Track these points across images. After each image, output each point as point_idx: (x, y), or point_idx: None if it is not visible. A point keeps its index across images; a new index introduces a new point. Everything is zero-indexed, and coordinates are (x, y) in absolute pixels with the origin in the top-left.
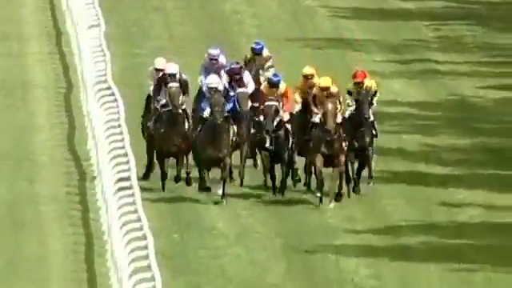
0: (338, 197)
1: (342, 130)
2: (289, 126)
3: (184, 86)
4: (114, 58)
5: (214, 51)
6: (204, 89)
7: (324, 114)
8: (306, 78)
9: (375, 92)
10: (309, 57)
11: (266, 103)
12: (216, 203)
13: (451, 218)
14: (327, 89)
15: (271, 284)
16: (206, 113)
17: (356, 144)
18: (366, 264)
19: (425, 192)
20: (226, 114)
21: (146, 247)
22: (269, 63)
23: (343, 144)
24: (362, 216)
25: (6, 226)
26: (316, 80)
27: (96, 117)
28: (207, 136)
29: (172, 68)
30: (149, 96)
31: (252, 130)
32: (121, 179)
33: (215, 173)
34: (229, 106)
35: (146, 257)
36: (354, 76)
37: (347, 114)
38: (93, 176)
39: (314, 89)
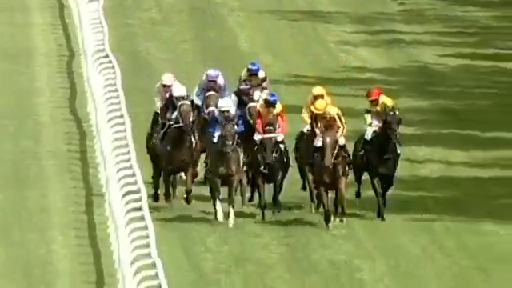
0: (342, 215)
1: (344, 152)
2: (282, 146)
3: (193, 105)
4: (111, 28)
5: (213, 72)
6: (216, 113)
7: (322, 148)
8: (316, 98)
9: (394, 108)
10: (285, 27)
11: (266, 135)
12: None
13: (413, 173)
14: (324, 109)
15: None
16: (215, 139)
17: (381, 169)
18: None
19: None
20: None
21: (139, 199)
22: (264, 84)
23: (346, 168)
24: None
25: (11, 180)
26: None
27: (95, 82)
28: (217, 160)
29: (179, 91)
30: (155, 113)
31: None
32: (118, 138)
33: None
34: (239, 129)
35: (140, 208)
36: (368, 94)
37: (370, 136)
38: (92, 135)
39: (312, 107)
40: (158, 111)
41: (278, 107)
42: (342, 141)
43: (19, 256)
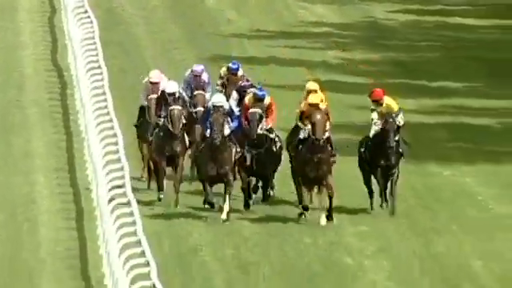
0: (329, 217)
1: (330, 147)
2: (273, 136)
3: (183, 104)
4: None
5: (198, 68)
6: (209, 107)
7: (312, 125)
8: (310, 93)
9: (399, 112)
10: None
11: (251, 110)
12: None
13: (366, 119)
14: (316, 105)
15: None
16: (208, 132)
17: (382, 163)
18: None
19: (344, 98)
20: (228, 133)
21: (116, 143)
22: (241, 83)
23: (330, 165)
24: None
25: None
26: (310, 98)
27: (75, 36)
28: (208, 154)
29: (171, 87)
30: (141, 107)
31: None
32: (95, 87)
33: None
34: (233, 125)
35: (117, 151)
36: (371, 95)
37: (372, 134)
38: (72, 85)
39: (302, 104)
40: (144, 106)
41: (267, 100)
42: (327, 133)
43: (5, 196)
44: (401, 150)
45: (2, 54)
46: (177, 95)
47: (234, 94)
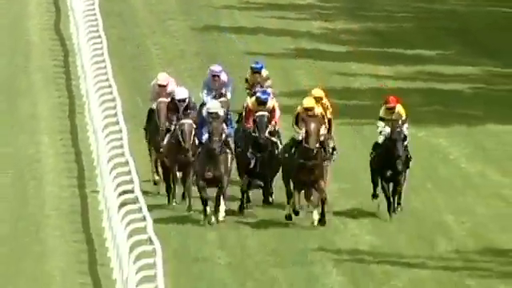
0: (322, 220)
1: (323, 152)
2: (275, 140)
3: (193, 109)
4: None
5: (216, 68)
6: (204, 114)
7: (306, 133)
8: (316, 99)
9: (406, 119)
10: None
11: (259, 113)
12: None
13: (346, 85)
14: (311, 109)
15: None
16: (205, 138)
17: (389, 171)
18: None
19: (326, 65)
20: (224, 138)
21: (115, 107)
22: (267, 83)
23: (324, 169)
24: None
25: (5, 91)
26: (305, 101)
27: (77, 7)
28: (205, 161)
29: (181, 93)
30: (151, 110)
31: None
32: (96, 55)
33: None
34: (229, 131)
35: (115, 115)
36: (386, 101)
37: (381, 140)
38: (74, 52)
39: (298, 107)
40: (153, 109)
41: (270, 103)
42: (321, 138)
43: (13, 156)
44: (409, 156)
45: (10, 23)
46: (187, 101)
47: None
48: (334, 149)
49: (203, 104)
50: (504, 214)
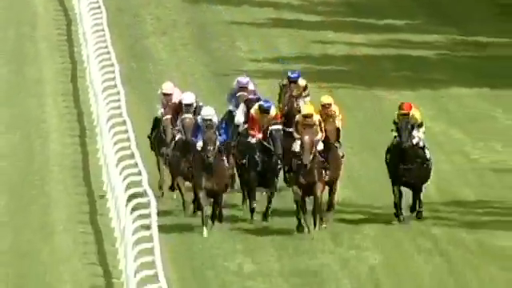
0: (320, 221)
1: (320, 157)
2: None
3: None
4: None
5: (244, 79)
6: (199, 120)
7: (301, 146)
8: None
9: (421, 123)
10: None
11: (274, 127)
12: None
13: (323, 52)
14: (309, 116)
15: None
16: (199, 146)
17: (403, 177)
18: None
19: (305, 34)
20: (218, 146)
21: (113, 72)
22: (305, 92)
23: (322, 172)
24: None
25: (13, 58)
26: (303, 109)
27: None
28: (201, 169)
29: (188, 98)
30: (156, 118)
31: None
32: (96, 24)
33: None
34: (221, 138)
35: (113, 78)
36: (400, 108)
37: (394, 143)
38: (76, 22)
39: (297, 116)
40: (158, 117)
41: (273, 112)
42: (319, 146)
43: (20, 117)
44: (428, 157)
45: None
46: (194, 106)
47: (242, 106)
48: (342, 156)
49: (230, 111)
50: (465, 169)
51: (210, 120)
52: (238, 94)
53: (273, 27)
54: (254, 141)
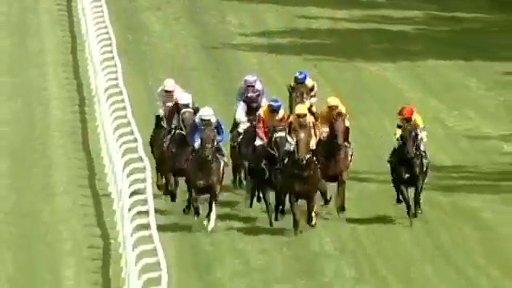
0: (310, 223)
1: (316, 160)
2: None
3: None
4: None
5: (251, 78)
6: (197, 120)
7: (296, 143)
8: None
9: (423, 128)
10: None
11: (278, 134)
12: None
13: (308, 26)
14: (303, 116)
15: None
16: (197, 145)
17: (405, 176)
18: None
19: (291, 10)
20: (216, 146)
21: (110, 45)
22: (312, 93)
23: (316, 176)
24: None
25: (16, 30)
26: (297, 109)
27: None
28: (197, 167)
29: (185, 99)
30: (157, 116)
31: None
32: (94, 0)
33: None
34: (220, 138)
35: (111, 51)
36: (400, 112)
37: (397, 146)
38: None
39: (291, 117)
40: (160, 115)
41: (281, 112)
42: (313, 146)
43: (22, 86)
44: (425, 161)
45: None
46: (190, 106)
47: (242, 105)
48: (351, 155)
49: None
50: (441, 135)
51: (209, 120)
52: (246, 92)
53: (260, 3)
54: (258, 143)
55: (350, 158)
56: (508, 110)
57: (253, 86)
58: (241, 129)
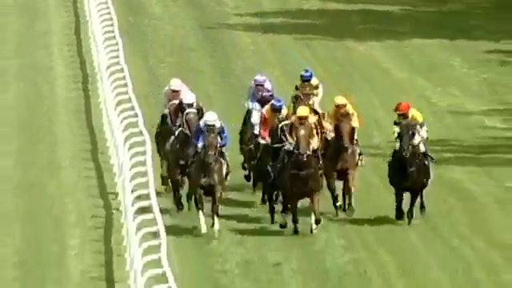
0: (316, 222)
1: (317, 160)
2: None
3: (200, 112)
4: None
5: (260, 77)
6: (202, 125)
7: (296, 140)
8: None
9: (422, 123)
10: None
11: (284, 123)
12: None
13: (299, 7)
14: (304, 118)
15: None
16: (200, 145)
17: (405, 181)
18: None
19: None
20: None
21: (112, 25)
22: (316, 91)
23: (318, 176)
24: None
25: (25, 13)
26: (299, 111)
27: None
28: (200, 170)
29: (189, 98)
30: (163, 115)
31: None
32: None
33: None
34: (223, 142)
35: (112, 31)
36: (397, 108)
37: (397, 147)
38: None
39: (293, 117)
40: (165, 114)
41: (284, 111)
42: (314, 145)
43: (27, 65)
44: (426, 163)
45: None
46: (194, 106)
47: (257, 105)
48: (360, 154)
49: (249, 111)
50: (426, 111)
51: (214, 125)
52: (258, 94)
53: None
54: (262, 142)
55: (357, 157)
56: (489, 87)
57: (262, 85)
58: (257, 131)
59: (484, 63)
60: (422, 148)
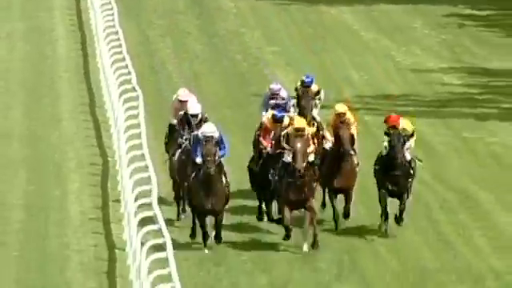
0: (314, 244)
1: (313, 170)
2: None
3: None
4: None
5: (276, 86)
6: (199, 136)
7: (294, 153)
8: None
9: (412, 133)
10: None
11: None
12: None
13: None
14: (302, 130)
15: None
16: (198, 160)
17: (390, 186)
18: None
19: None
20: (218, 161)
21: (112, 14)
22: (317, 97)
23: (313, 187)
24: None
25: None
26: (296, 122)
27: None
28: (201, 185)
29: (195, 108)
30: (170, 125)
31: None
32: None
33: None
34: (222, 153)
35: (112, 14)
36: (386, 121)
37: (384, 153)
38: None
39: (289, 128)
40: (173, 123)
41: (286, 121)
42: (311, 157)
43: (34, 26)
44: (411, 172)
45: None
46: (199, 117)
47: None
48: (357, 164)
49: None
50: (391, 69)
51: (211, 137)
52: (270, 101)
53: None
54: (269, 150)
55: (356, 169)
56: (448, 47)
57: (277, 94)
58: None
59: (443, 26)
60: (408, 156)
